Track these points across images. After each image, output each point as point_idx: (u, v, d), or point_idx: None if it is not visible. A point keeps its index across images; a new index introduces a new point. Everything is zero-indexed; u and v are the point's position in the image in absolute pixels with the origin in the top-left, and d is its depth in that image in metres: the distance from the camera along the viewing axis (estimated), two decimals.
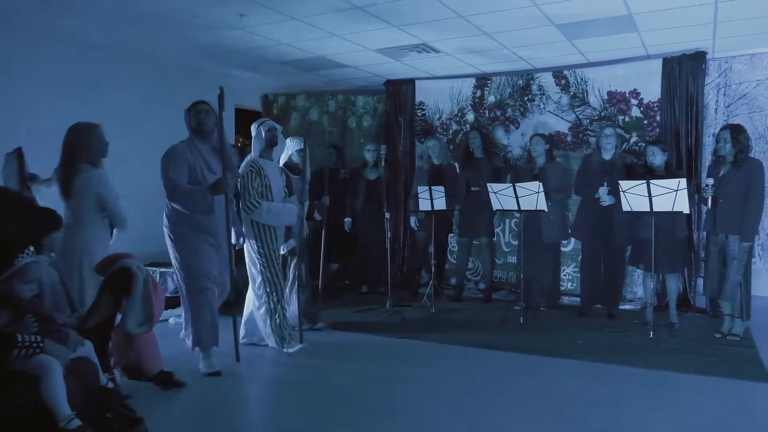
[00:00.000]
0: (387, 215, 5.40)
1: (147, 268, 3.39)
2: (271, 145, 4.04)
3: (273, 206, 3.89)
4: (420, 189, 5.42)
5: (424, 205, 5.38)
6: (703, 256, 4.91)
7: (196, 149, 3.58)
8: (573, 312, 5.24)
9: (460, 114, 6.52)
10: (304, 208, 4.26)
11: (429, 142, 5.99)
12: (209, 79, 6.52)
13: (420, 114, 6.72)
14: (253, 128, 4.11)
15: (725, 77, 5.77)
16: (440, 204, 5.33)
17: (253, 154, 4.07)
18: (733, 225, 4.15)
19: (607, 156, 5.02)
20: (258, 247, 3.93)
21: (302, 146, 4.45)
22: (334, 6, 4.38)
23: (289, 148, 4.51)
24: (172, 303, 5.05)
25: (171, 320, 4.88)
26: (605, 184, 4.84)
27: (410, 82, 6.70)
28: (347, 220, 6.05)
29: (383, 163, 5.76)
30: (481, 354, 4.04)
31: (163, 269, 5.26)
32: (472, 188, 5.70)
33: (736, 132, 4.21)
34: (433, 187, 5.32)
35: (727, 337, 4.27)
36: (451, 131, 6.57)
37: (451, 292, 6.07)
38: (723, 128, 4.36)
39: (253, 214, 3.85)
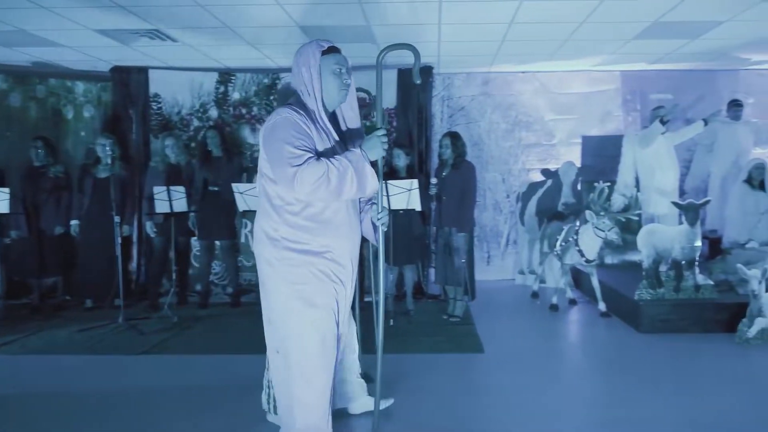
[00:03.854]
0: (117, 219, 5.06)
1: None
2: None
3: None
4: (157, 189, 5.20)
5: (161, 207, 5.18)
6: (434, 249, 5.76)
7: (312, 120, 2.43)
8: None
9: (202, 110, 6.43)
10: None
11: (166, 140, 5.82)
12: None
13: (156, 107, 6.40)
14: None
15: (448, 91, 6.93)
16: (181, 205, 5.23)
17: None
18: (453, 219, 4.99)
19: None
20: None
21: None
22: None
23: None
24: None
25: None
26: None
27: (143, 71, 6.35)
28: (74, 222, 5.49)
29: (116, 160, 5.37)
30: (231, 360, 4.09)
31: None
32: (210, 188, 5.69)
33: (455, 139, 5.12)
34: (172, 188, 5.17)
35: (450, 319, 5.09)
36: (192, 127, 6.42)
37: (197, 298, 5.94)
38: (444, 135, 5.25)
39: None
